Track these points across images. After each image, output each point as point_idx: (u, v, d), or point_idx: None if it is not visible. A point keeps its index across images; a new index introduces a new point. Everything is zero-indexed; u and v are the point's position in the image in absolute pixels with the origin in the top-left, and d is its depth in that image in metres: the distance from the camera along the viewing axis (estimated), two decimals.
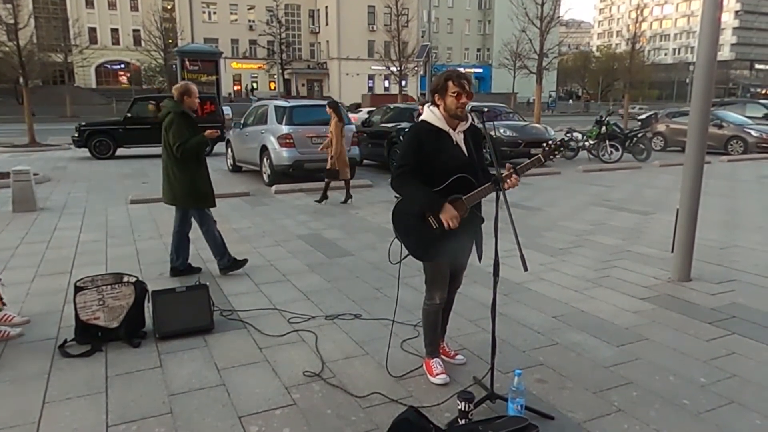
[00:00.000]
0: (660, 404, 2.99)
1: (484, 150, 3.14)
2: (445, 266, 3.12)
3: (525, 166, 2.86)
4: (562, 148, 2.82)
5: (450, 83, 2.88)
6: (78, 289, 3.73)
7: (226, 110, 20.11)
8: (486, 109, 3.04)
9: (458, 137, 2.99)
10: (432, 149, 2.93)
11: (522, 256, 2.63)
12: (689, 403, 2.99)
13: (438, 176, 2.91)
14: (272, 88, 53.67)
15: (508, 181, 2.80)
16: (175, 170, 4.99)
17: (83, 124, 16.11)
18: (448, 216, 2.84)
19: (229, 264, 5.30)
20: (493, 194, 2.84)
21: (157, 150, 8.75)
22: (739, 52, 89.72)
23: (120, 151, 15.87)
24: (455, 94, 2.87)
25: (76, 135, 15.62)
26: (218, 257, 5.30)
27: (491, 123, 12.44)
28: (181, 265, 5.25)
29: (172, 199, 5.13)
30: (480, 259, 3.21)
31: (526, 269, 2.62)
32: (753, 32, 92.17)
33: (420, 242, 3.02)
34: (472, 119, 3.12)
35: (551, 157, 2.85)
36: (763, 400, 3.02)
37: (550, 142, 2.86)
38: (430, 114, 2.99)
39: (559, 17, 23.96)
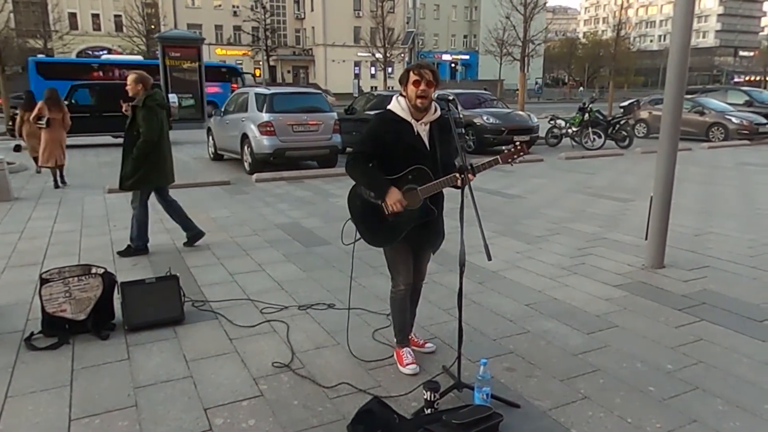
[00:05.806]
0: (625, 391, 3.02)
1: (461, 133, 3.16)
2: (404, 251, 3.12)
3: (482, 166, 2.91)
4: (522, 154, 2.86)
5: (411, 73, 2.92)
6: (44, 281, 3.67)
7: (172, 98, 18.57)
8: (451, 96, 3.03)
9: (421, 128, 2.99)
10: (392, 138, 2.95)
11: (486, 246, 2.64)
12: (654, 390, 3.02)
13: (395, 166, 2.95)
14: (257, 75, 53.02)
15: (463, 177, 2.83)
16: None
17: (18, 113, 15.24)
18: (393, 200, 2.89)
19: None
20: (457, 185, 2.86)
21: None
22: (723, 38, 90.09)
23: (101, 140, 15.57)
24: (414, 82, 2.90)
25: (11, 124, 14.10)
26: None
27: (455, 109, 11.98)
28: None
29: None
30: (433, 253, 3.25)
31: (489, 259, 2.62)
32: (737, 19, 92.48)
33: (371, 228, 3.06)
34: (445, 107, 3.11)
35: (510, 160, 2.88)
36: (726, 386, 3.06)
37: (511, 146, 2.90)
38: (396, 104, 3.01)
39: (544, 3, 23.92)
